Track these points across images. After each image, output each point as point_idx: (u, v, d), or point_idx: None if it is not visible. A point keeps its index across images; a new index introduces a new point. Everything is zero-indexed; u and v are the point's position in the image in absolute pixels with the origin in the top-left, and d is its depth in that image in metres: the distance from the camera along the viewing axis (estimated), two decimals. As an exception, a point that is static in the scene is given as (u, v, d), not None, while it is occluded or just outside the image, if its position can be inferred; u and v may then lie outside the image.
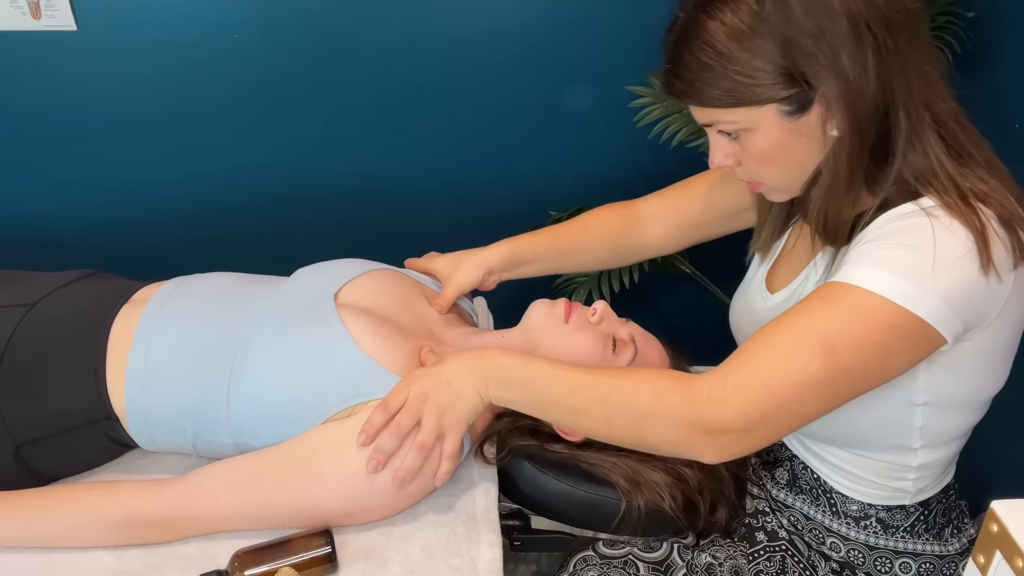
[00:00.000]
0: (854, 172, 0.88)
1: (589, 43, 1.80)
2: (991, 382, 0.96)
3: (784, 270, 1.09)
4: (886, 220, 0.88)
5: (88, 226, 1.94)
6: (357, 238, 1.77)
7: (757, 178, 0.96)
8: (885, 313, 0.82)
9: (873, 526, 1.04)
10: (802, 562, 1.07)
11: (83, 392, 1.05)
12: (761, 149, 0.89)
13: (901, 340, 0.83)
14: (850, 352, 0.82)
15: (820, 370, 0.82)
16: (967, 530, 1.08)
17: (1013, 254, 0.84)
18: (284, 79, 1.80)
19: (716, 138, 0.93)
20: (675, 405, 0.86)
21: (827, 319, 0.84)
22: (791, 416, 0.85)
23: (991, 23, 1.58)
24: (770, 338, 0.86)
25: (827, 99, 0.84)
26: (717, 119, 0.89)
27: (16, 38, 1.70)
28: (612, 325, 1.13)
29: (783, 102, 0.85)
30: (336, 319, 1.06)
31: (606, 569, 1.06)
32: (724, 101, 0.86)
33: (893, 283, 0.82)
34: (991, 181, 0.87)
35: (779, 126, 0.87)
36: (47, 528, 0.98)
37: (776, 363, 0.84)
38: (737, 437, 0.85)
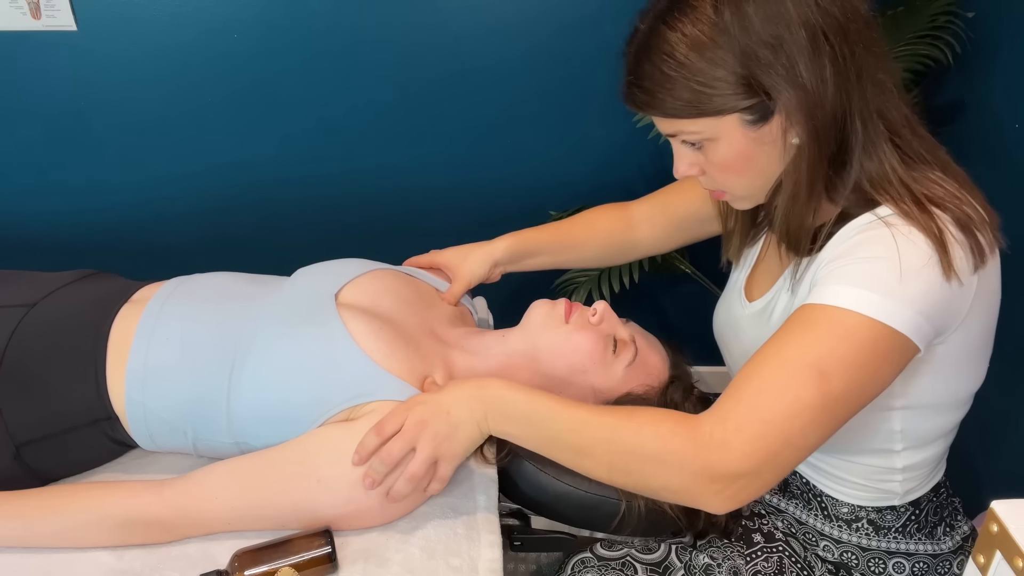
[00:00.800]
0: (814, 180, 0.89)
1: (589, 43, 1.80)
2: (968, 381, 0.97)
3: (761, 278, 1.09)
4: (847, 234, 0.89)
5: (88, 226, 1.94)
6: (357, 238, 1.77)
7: (721, 187, 0.97)
8: (865, 329, 0.82)
9: (864, 528, 1.05)
10: (799, 563, 1.07)
11: (83, 392, 1.05)
12: (724, 158, 0.90)
13: (883, 353, 0.84)
14: (841, 374, 0.82)
15: (815, 397, 0.81)
16: (960, 528, 1.08)
17: (972, 257, 0.85)
18: (284, 79, 1.80)
19: (679, 148, 0.95)
20: (679, 449, 0.83)
21: (811, 344, 0.83)
22: (795, 450, 0.83)
23: (991, 23, 1.58)
24: (760, 370, 0.85)
25: (787, 109, 0.85)
26: (680, 129, 0.90)
27: (16, 38, 1.70)
28: (612, 325, 1.13)
29: (744, 112, 0.86)
30: (337, 319, 1.06)
31: (604, 571, 1.06)
32: (686, 112, 0.87)
33: (866, 298, 0.83)
34: (947, 185, 0.88)
35: (741, 135, 0.88)
36: (47, 528, 0.98)
37: (771, 397, 0.82)
38: (745, 483, 0.83)
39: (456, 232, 2.00)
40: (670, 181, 2.04)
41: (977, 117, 1.62)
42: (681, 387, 1.14)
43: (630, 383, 1.11)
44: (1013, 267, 1.34)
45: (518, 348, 1.12)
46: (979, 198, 0.89)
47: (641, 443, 0.86)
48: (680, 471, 0.84)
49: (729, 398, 0.85)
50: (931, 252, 0.83)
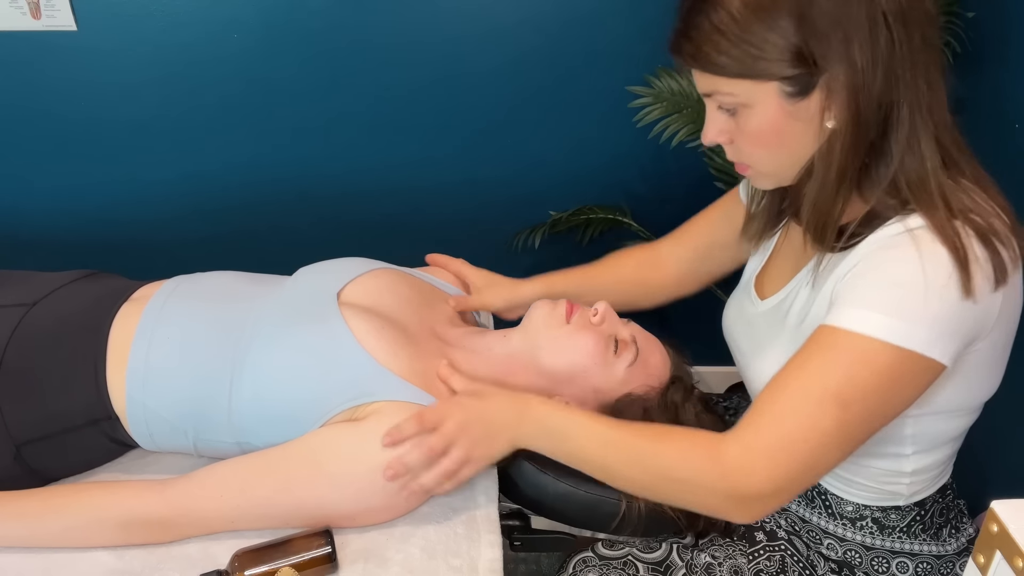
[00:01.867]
0: (847, 167, 0.87)
1: (589, 43, 1.80)
2: (985, 387, 0.97)
3: (774, 275, 1.08)
4: (874, 243, 0.88)
5: (88, 225, 1.94)
6: (357, 238, 1.77)
7: (747, 159, 0.95)
8: (886, 355, 0.82)
9: (869, 527, 1.05)
10: (801, 561, 1.07)
11: (83, 392, 1.05)
12: (756, 128, 0.89)
13: (905, 378, 0.84)
14: (860, 402, 0.84)
15: (834, 425, 0.84)
16: (966, 530, 1.08)
17: (994, 275, 0.84)
18: (284, 79, 1.80)
19: (712, 112, 0.92)
20: (707, 475, 0.87)
21: (831, 371, 0.84)
22: (816, 472, 0.87)
23: (991, 23, 1.58)
24: (781, 396, 0.87)
25: (830, 86, 0.84)
26: (718, 89, 0.88)
27: (16, 38, 1.70)
28: (613, 325, 1.13)
29: (787, 81, 0.84)
30: (339, 318, 1.06)
31: (605, 570, 1.06)
32: (729, 70, 0.85)
33: (888, 324, 0.82)
34: (977, 195, 0.87)
35: (778, 106, 0.86)
36: (48, 528, 0.98)
37: (792, 425, 0.85)
38: (768, 501, 0.87)
39: (456, 232, 2.01)
40: (671, 181, 2.05)
41: (977, 117, 1.62)
42: (682, 387, 1.14)
43: (631, 383, 1.11)
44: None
45: (519, 348, 1.12)
46: (1007, 210, 0.88)
47: (670, 466, 0.90)
48: (708, 494, 0.89)
49: (752, 424, 0.87)
50: (953, 271, 0.82)
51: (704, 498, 0.90)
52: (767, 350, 1.03)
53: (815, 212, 0.91)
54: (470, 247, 1.95)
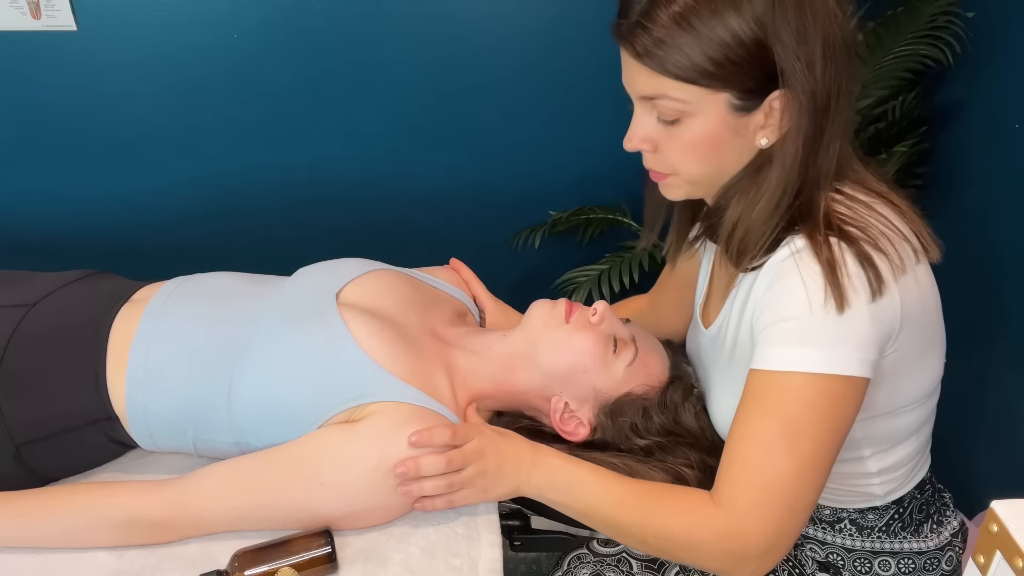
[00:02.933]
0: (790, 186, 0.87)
1: (589, 44, 1.80)
2: (921, 380, 0.97)
3: (713, 301, 1.10)
4: (770, 272, 0.89)
5: (88, 226, 1.94)
6: (357, 239, 1.77)
7: (670, 168, 0.93)
8: (811, 386, 0.84)
9: (848, 528, 1.05)
10: (790, 560, 1.08)
11: (83, 392, 1.05)
12: (694, 137, 0.87)
13: (838, 401, 0.86)
14: (806, 433, 0.86)
15: (794, 464, 0.86)
16: (949, 523, 1.08)
17: (868, 288, 0.84)
18: (285, 80, 1.80)
19: (642, 117, 0.90)
20: (704, 541, 0.90)
21: (770, 416, 0.87)
22: (801, 513, 0.88)
23: (991, 23, 1.58)
24: (740, 451, 0.89)
25: (780, 104, 0.84)
26: (666, 92, 0.85)
27: (16, 38, 1.70)
28: (613, 325, 1.13)
29: (738, 94, 0.84)
30: (338, 319, 1.06)
31: (600, 567, 1.06)
32: (685, 74, 0.82)
33: (799, 355, 0.84)
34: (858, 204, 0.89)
35: (722, 118, 0.86)
36: (47, 529, 0.98)
37: (758, 478, 0.87)
38: (768, 555, 0.89)
39: (456, 232, 2.01)
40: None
41: (977, 117, 1.62)
42: (681, 387, 1.14)
43: (630, 383, 1.11)
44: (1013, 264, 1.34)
45: (519, 348, 1.12)
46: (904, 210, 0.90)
47: (671, 532, 0.92)
48: (708, 557, 0.92)
49: (727, 483, 0.90)
50: (827, 288, 0.83)
51: (706, 561, 0.92)
52: (717, 381, 1.05)
53: (746, 235, 0.90)
54: (470, 247, 1.96)
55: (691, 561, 0.95)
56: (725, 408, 1.01)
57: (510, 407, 1.16)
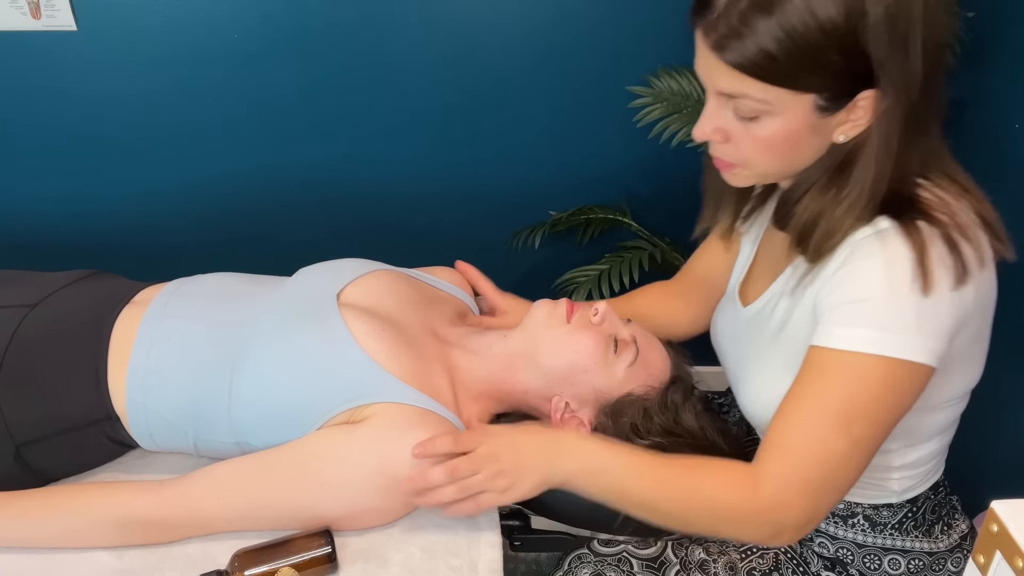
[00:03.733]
0: (878, 185, 0.85)
1: (589, 44, 1.80)
2: (964, 378, 0.97)
3: (756, 280, 1.09)
4: (847, 250, 0.88)
5: (89, 226, 1.94)
6: (357, 239, 1.77)
7: (741, 160, 0.91)
8: (876, 369, 0.84)
9: (860, 524, 1.05)
10: (795, 559, 1.08)
11: (84, 392, 1.05)
12: (772, 135, 0.85)
13: (900, 387, 0.85)
14: (863, 416, 0.86)
15: (846, 444, 0.86)
16: (958, 526, 1.08)
17: (954, 274, 0.83)
18: (285, 80, 1.80)
19: (715, 108, 0.87)
20: (748, 515, 0.90)
21: (829, 395, 0.86)
22: (842, 491, 0.90)
23: (991, 23, 1.58)
24: (791, 425, 0.89)
25: (863, 103, 0.82)
26: (748, 93, 0.81)
27: (16, 38, 1.70)
28: (614, 325, 1.13)
29: (824, 95, 0.81)
30: (339, 319, 1.06)
31: (601, 567, 1.06)
32: (774, 78, 0.80)
33: (869, 337, 0.83)
34: (947, 195, 0.88)
35: (804, 118, 0.83)
36: (48, 529, 0.98)
37: (807, 453, 0.87)
38: (803, 528, 0.91)
39: (456, 232, 2.01)
40: (671, 181, 2.04)
41: (977, 117, 1.62)
42: (682, 387, 1.14)
43: (631, 383, 1.11)
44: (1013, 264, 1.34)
45: (520, 347, 1.12)
46: (984, 209, 0.89)
47: (715, 509, 0.92)
48: (749, 529, 0.93)
49: (775, 457, 0.89)
50: (915, 270, 0.82)
51: (744, 533, 0.94)
52: (753, 359, 1.03)
53: (827, 230, 0.88)
54: (470, 247, 1.95)
55: (727, 533, 0.97)
56: (760, 386, 0.99)
57: (511, 407, 1.16)
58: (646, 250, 1.86)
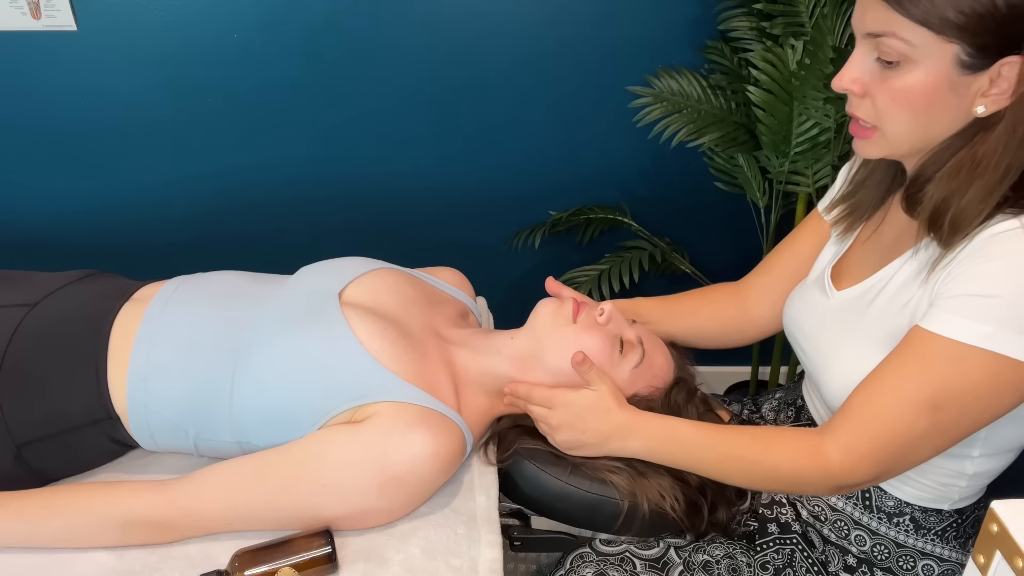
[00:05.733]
0: (1013, 164, 0.82)
1: (589, 44, 1.80)
2: None
3: (855, 265, 1.05)
4: (984, 239, 0.84)
5: (89, 226, 1.94)
6: (358, 238, 1.77)
7: (876, 119, 0.88)
8: (983, 364, 0.82)
9: (906, 524, 1.03)
10: (811, 557, 1.07)
11: (84, 392, 1.05)
12: (910, 86, 0.83)
13: (1004, 386, 0.84)
14: (955, 408, 0.85)
15: (928, 427, 0.87)
16: None
17: None
18: (285, 80, 1.80)
19: (861, 55, 0.86)
20: (814, 478, 0.94)
21: (926, 378, 0.86)
22: (909, 464, 0.93)
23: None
24: (876, 398, 0.90)
25: (1005, 72, 0.79)
26: (894, 30, 0.81)
27: (16, 38, 1.70)
28: (619, 326, 1.13)
29: (970, 49, 0.79)
30: (341, 318, 1.06)
31: (603, 566, 1.06)
32: (922, 16, 0.78)
33: (985, 332, 0.81)
34: None
35: (944, 72, 0.81)
36: (48, 529, 0.98)
37: (888, 426, 0.89)
38: (865, 486, 0.98)
39: (457, 232, 2.01)
40: (671, 181, 2.04)
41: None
42: (685, 389, 1.14)
43: (636, 384, 1.11)
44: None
45: (525, 347, 1.11)
46: None
47: (781, 477, 0.97)
48: (814, 489, 1.00)
49: (850, 426, 0.91)
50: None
51: (809, 490, 1.01)
52: (846, 343, 1.00)
53: (959, 213, 0.85)
54: (470, 247, 1.96)
55: (792, 492, 1.06)
56: (858, 370, 0.96)
57: (515, 407, 1.16)
58: (646, 250, 1.86)
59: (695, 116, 1.68)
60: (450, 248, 1.96)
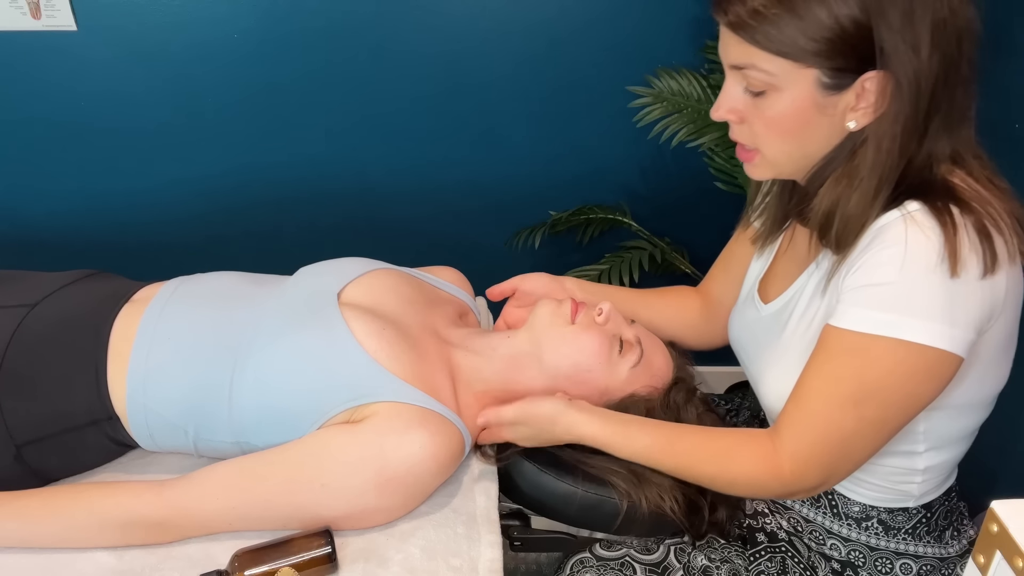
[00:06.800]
0: (889, 172, 0.85)
1: (589, 44, 1.80)
2: (993, 380, 0.97)
3: (778, 278, 1.08)
4: (872, 233, 0.87)
5: (89, 226, 1.94)
6: (358, 239, 1.77)
7: (756, 144, 0.92)
8: (890, 352, 0.83)
9: (874, 527, 1.04)
10: (802, 563, 1.07)
11: (84, 392, 1.05)
12: (779, 113, 0.86)
13: (916, 372, 0.84)
14: (875, 400, 0.86)
15: (856, 424, 0.88)
16: (967, 532, 1.08)
17: (983, 261, 0.82)
18: (285, 80, 1.80)
19: (732, 86, 0.89)
20: (766, 484, 0.96)
21: (841, 375, 0.87)
22: (855, 462, 0.94)
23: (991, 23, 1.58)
24: (805, 403, 0.92)
25: (876, 86, 0.81)
26: (754, 63, 0.84)
27: (16, 38, 1.70)
28: (618, 326, 1.13)
29: (828, 72, 0.82)
30: (339, 319, 1.06)
31: (603, 571, 1.06)
32: (776, 47, 0.82)
33: (887, 320, 0.82)
34: (985, 193, 0.87)
35: (809, 96, 0.84)
36: (48, 529, 0.98)
37: (821, 430, 0.91)
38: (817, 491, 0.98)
39: (457, 232, 2.01)
40: (671, 181, 2.04)
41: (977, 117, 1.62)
42: (684, 389, 1.14)
43: (635, 384, 1.11)
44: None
45: (523, 347, 1.11)
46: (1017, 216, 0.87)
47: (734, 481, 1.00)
48: (765, 492, 1.00)
49: (791, 435, 0.93)
50: (942, 251, 0.81)
51: (763, 495, 1.01)
52: (774, 356, 1.03)
53: (845, 221, 0.88)
54: (470, 247, 1.96)
55: (745, 494, 1.05)
56: (784, 382, 0.98)
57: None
58: (646, 250, 1.86)
59: (695, 116, 1.68)
60: (450, 248, 1.96)
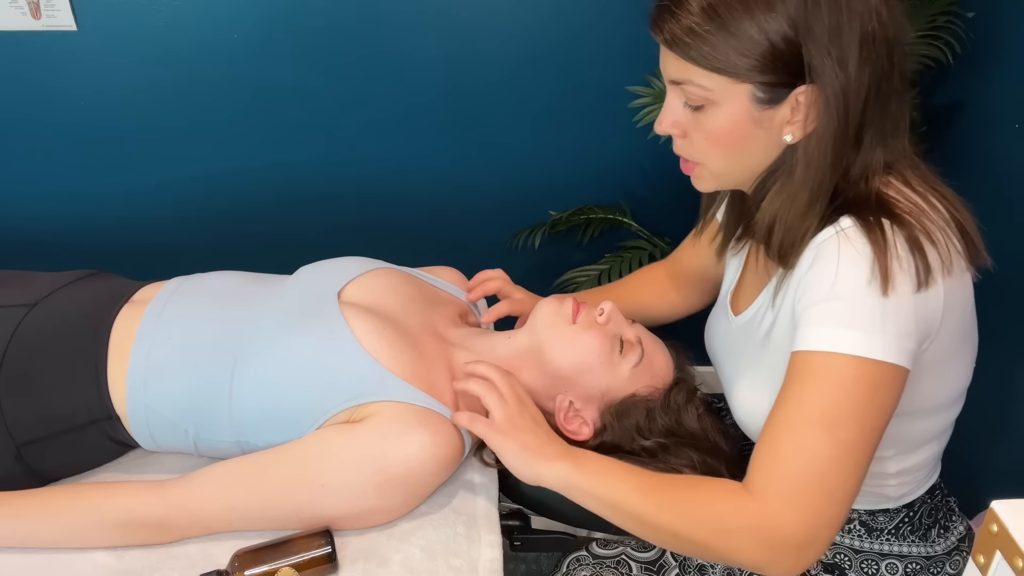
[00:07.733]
0: (822, 185, 0.86)
1: (589, 44, 1.80)
2: (951, 382, 0.96)
3: (746, 289, 1.08)
4: (812, 252, 0.87)
5: (89, 226, 1.94)
6: (358, 239, 1.77)
7: (697, 157, 0.93)
8: (851, 369, 0.82)
9: (856, 529, 1.04)
10: None
11: (84, 392, 1.05)
12: (718, 127, 0.88)
13: (879, 385, 0.83)
14: (846, 419, 0.82)
15: (832, 450, 0.82)
16: (956, 528, 1.07)
17: (915, 277, 0.82)
18: (285, 79, 1.80)
19: (673, 101, 0.91)
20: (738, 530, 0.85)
21: (810, 399, 0.84)
22: (839, 503, 0.84)
23: (991, 23, 1.58)
24: (778, 434, 0.85)
25: (808, 99, 0.83)
26: (690, 78, 0.86)
27: (16, 38, 1.70)
28: (619, 326, 1.13)
29: (762, 87, 0.84)
30: (339, 318, 1.06)
31: (599, 569, 1.06)
32: (708, 62, 0.83)
33: (842, 335, 0.82)
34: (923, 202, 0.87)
35: (745, 110, 0.86)
36: (48, 529, 0.98)
37: (795, 463, 0.83)
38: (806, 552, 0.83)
39: (457, 232, 2.01)
40: (671, 181, 2.04)
41: (977, 117, 1.62)
42: (684, 389, 1.14)
43: (635, 384, 1.11)
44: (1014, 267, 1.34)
45: (524, 347, 1.11)
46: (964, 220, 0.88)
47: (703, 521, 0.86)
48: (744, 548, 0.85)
49: (759, 470, 0.85)
50: (873, 269, 0.81)
51: (743, 553, 0.85)
52: (745, 368, 1.03)
53: (785, 233, 0.89)
54: (470, 247, 1.96)
55: (725, 553, 0.87)
56: (752, 397, 0.99)
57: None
58: (646, 250, 1.86)
59: (695, 116, 1.68)
60: (450, 248, 1.96)
